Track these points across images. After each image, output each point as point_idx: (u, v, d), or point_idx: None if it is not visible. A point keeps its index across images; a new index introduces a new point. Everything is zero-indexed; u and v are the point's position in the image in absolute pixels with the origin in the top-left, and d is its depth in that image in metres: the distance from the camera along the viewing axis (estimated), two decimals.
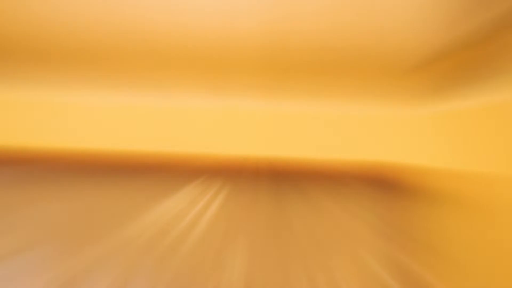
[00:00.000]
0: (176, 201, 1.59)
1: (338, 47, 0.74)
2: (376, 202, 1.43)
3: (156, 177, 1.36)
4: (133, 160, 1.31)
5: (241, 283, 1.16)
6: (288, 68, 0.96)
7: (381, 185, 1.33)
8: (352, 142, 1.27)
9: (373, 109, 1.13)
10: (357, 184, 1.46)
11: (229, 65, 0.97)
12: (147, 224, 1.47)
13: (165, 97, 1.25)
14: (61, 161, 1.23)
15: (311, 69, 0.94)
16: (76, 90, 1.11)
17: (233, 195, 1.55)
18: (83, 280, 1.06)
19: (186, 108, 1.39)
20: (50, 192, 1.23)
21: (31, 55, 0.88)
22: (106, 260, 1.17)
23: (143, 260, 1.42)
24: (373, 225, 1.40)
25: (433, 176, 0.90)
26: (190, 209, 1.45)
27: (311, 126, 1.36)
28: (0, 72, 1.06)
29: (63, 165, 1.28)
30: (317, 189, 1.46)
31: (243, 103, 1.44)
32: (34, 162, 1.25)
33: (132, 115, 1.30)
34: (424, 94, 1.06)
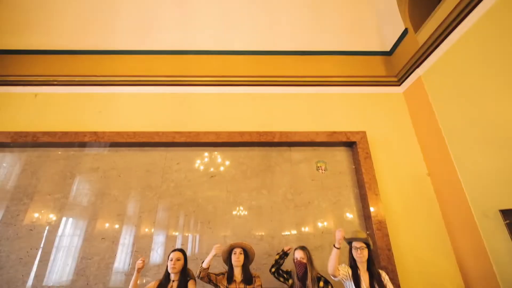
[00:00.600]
0: (195, 162, 2.99)
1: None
2: (340, 158, 3.34)
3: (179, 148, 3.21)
4: (162, 136, 3.25)
5: (242, 218, 2.83)
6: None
7: (343, 147, 3.31)
8: (322, 117, 3.30)
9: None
10: (328, 147, 3.30)
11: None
12: (175, 178, 3.19)
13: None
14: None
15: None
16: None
17: (234, 158, 3.33)
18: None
19: (197, 95, 3.30)
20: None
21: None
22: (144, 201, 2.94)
23: (171, 200, 2.81)
24: (337, 173, 3.23)
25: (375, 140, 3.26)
26: (207, 168, 2.86)
27: (291, 106, 3.36)
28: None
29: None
30: (296, 151, 3.35)
31: (239, 90, 3.15)
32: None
33: (153, 101, 3.35)
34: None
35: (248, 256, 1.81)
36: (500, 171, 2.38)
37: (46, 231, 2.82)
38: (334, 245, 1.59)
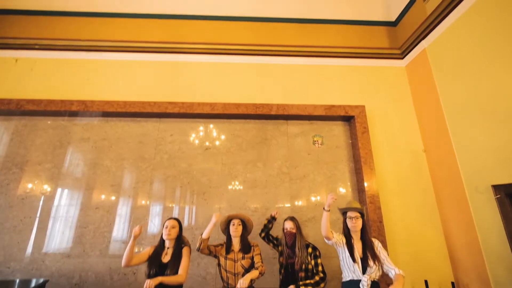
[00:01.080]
0: (190, 134, 2.87)
1: None
2: (337, 133, 3.29)
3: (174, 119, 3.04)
4: (154, 107, 3.05)
5: (237, 190, 2.86)
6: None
7: (341, 121, 3.27)
8: (320, 90, 3.39)
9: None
10: (325, 121, 3.26)
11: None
12: (168, 150, 3.09)
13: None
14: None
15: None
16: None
17: (229, 131, 3.22)
18: None
19: (193, 64, 3.07)
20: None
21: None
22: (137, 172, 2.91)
23: (165, 172, 2.73)
24: (333, 148, 3.20)
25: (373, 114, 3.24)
26: (201, 140, 2.80)
27: (289, 78, 3.13)
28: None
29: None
30: (293, 125, 3.27)
31: (235, 59, 2.96)
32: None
33: (149, 70, 3.07)
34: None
35: (246, 227, 1.82)
36: (495, 148, 2.38)
37: (38, 201, 2.79)
38: (324, 208, 1.60)
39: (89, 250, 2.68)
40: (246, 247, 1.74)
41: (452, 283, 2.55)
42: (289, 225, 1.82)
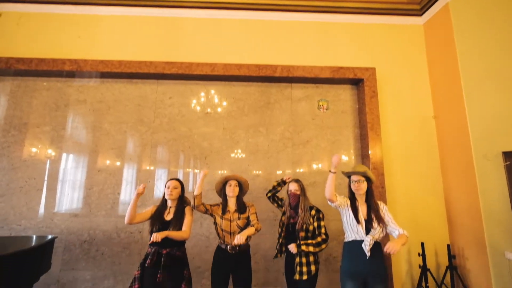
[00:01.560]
0: (189, 97, 2.78)
1: None
2: (344, 97, 3.07)
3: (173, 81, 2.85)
4: (151, 67, 2.82)
5: (239, 155, 2.83)
6: None
7: (349, 85, 3.01)
8: (327, 50, 3.09)
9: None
10: (332, 85, 3.03)
11: None
12: (168, 113, 2.96)
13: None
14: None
15: None
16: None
17: (231, 94, 3.05)
18: None
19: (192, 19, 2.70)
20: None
21: None
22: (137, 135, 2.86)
23: (166, 136, 2.67)
24: (339, 113, 3.05)
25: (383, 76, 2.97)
26: (202, 103, 2.86)
27: (294, 36, 2.78)
28: None
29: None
30: (297, 88, 3.03)
31: (236, 15, 2.54)
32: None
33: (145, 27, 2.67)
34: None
35: (242, 188, 1.80)
36: (509, 115, 2.25)
37: (41, 163, 2.80)
38: (330, 170, 1.55)
39: (95, 210, 2.75)
40: (241, 207, 1.75)
41: (448, 246, 2.63)
42: (293, 187, 1.81)
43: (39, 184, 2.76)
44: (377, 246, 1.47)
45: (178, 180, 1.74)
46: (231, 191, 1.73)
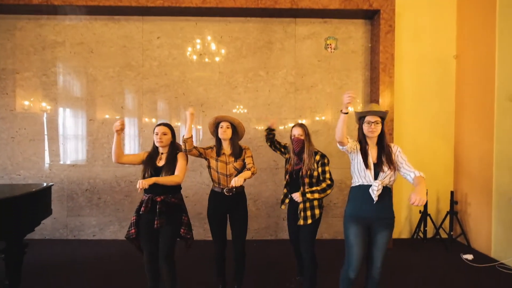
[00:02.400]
0: (179, 36, 2.55)
1: None
2: (355, 34, 2.64)
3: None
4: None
5: (237, 101, 2.64)
6: None
7: (361, 19, 2.59)
8: None
9: None
10: (342, 19, 2.60)
11: None
12: (157, 56, 2.59)
13: None
14: None
15: None
16: None
17: (226, 32, 2.64)
18: None
19: None
20: None
21: None
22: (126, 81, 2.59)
23: (157, 81, 2.55)
24: (348, 53, 2.67)
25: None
26: (194, 44, 2.58)
27: None
28: None
29: None
30: (302, 25, 2.60)
31: None
32: None
33: None
34: None
35: (236, 131, 1.64)
36: None
37: (29, 113, 2.65)
38: (341, 111, 1.36)
39: (92, 160, 2.70)
40: (237, 151, 1.62)
41: (451, 192, 2.59)
42: (297, 132, 1.64)
43: (30, 134, 2.66)
44: (386, 191, 1.36)
45: (166, 125, 1.59)
46: (223, 133, 1.57)
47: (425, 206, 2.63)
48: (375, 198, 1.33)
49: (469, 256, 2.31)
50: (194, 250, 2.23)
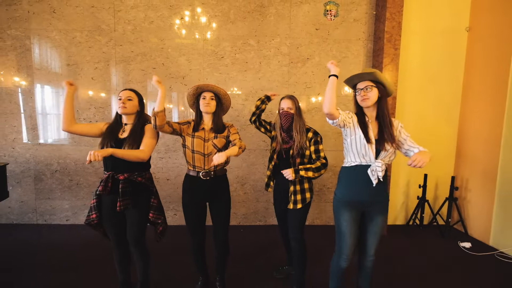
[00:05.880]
0: None
1: None
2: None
3: None
4: None
5: (224, 73, 2.36)
6: None
7: None
8: None
9: None
10: None
11: None
12: (132, 18, 2.17)
13: None
14: None
15: None
16: None
17: None
18: None
19: None
20: None
21: None
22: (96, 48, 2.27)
23: (132, 49, 2.21)
24: (350, 21, 2.27)
25: None
26: (174, 5, 2.18)
27: None
28: None
29: None
30: None
31: None
32: None
33: None
34: None
35: (221, 104, 1.38)
36: None
37: None
38: (330, 76, 1.13)
39: (61, 137, 2.41)
40: (219, 126, 1.35)
41: (452, 177, 2.43)
42: (286, 104, 1.39)
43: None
44: (386, 173, 1.17)
45: (132, 90, 1.31)
46: (206, 105, 1.30)
47: (424, 191, 2.47)
48: (375, 181, 1.13)
49: (467, 244, 2.20)
50: (175, 236, 2.05)
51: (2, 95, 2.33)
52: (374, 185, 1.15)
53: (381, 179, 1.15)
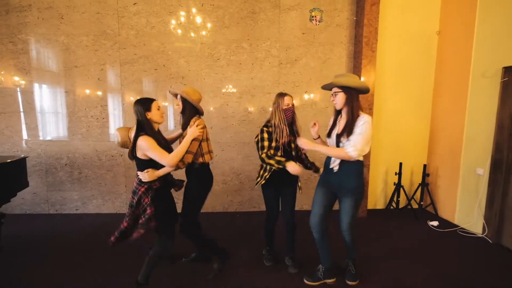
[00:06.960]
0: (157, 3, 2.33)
1: None
2: (341, 6, 2.46)
3: None
4: None
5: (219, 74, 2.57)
6: None
7: None
8: None
9: None
10: None
11: None
12: (135, 24, 2.38)
13: None
14: None
15: None
16: None
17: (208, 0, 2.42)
18: None
19: None
20: None
21: None
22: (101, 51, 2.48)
23: (135, 52, 2.42)
24: (333, 26, 2.55)
25: None
26: (173, 11, 2.39)
27: None
28: None
29: None
30: None
31: None
32: None
33: None
34: None
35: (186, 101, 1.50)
36: None
37: None
38: (314, 139, 1.52)
39: (70, 134, 2.62)
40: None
41: (424, 165, 2.74)
42: (290, 101, 1.59)
43: (0, 107, 2.52)
44: (349, 163, 1.40)
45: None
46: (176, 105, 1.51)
47: (399, 178, 2.78)
48: (335, 168, 1.41)
49: (435, 223, 2.51)
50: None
51: (15, 95, 2.52)
52: (335, 171, 1.44)
53: (341, 168, 1.42)
